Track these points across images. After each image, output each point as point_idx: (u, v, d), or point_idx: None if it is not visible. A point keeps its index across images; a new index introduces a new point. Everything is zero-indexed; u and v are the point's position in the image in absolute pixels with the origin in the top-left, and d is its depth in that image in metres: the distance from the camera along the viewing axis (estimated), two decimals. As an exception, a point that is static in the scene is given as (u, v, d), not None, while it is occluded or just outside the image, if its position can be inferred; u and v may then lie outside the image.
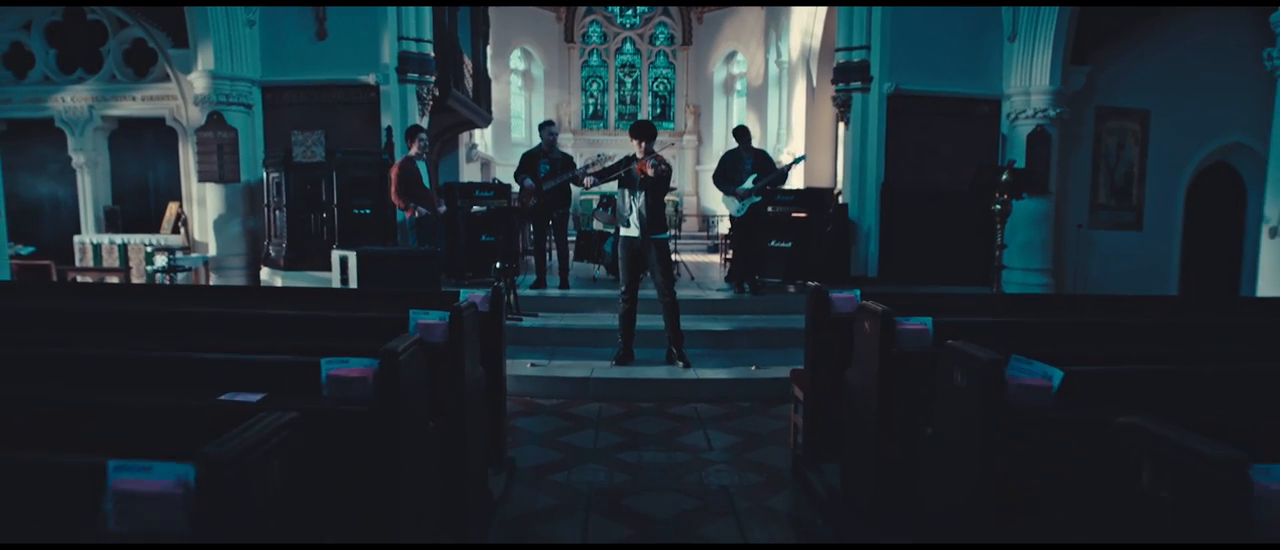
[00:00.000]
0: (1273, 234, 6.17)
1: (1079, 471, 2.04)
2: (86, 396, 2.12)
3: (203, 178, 9.56)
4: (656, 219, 6.18)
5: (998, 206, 8.37)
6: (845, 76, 9.74)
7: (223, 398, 2.11)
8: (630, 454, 4.47)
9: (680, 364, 6.21)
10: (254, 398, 2.10)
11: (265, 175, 9.34)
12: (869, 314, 3.13)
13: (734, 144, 8.42)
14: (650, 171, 6.01)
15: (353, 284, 6.08)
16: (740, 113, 18.48)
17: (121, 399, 2.09)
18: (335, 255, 6.61)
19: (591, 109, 19.46)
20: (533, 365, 6.17)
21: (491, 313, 3.69)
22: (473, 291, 3.72)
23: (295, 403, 2.01)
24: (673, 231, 9.98)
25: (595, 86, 19.39)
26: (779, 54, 15.64)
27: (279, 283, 8.87)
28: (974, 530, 2.21)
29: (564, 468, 4.25)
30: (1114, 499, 1.68)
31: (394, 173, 7.80)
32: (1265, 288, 6.24)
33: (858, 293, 3.68)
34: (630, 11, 19.14)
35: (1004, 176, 8.33)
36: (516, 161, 8.80)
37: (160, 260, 9.24)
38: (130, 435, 1.94)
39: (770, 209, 8.83)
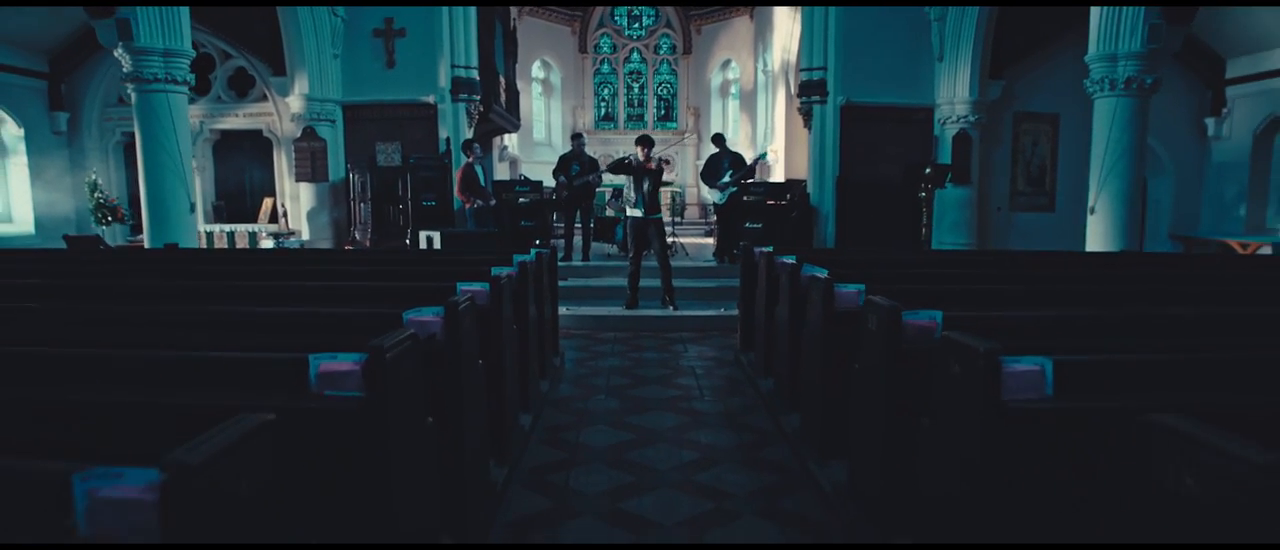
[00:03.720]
0: (1092, 211, 8.60)
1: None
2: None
3: (299, 178, 12.10)
4: (654, 203, 8.67)
5: (923, 195, 10.83)
6: (807, 91, 12.21)
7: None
8: (634, 353, 7.01)
9: (671, 308, 8.72)
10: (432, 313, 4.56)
11: (351, 176, 11.88)
12: (763, 255, 5.65)
13: (714, 149, 10.89)
14: (653, 165, 8.51)
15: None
16: (734, 114, 20.93)
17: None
18: (422, 235, 9.16)
19: (603, 111, 21.96)
20: (566, 310, 8.69)
21: (550, 263, 6.23)
22: (540, 250, 6.22)
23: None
24: (673, 216, 12.45)
25: (606, 91, 21.88)
26: (765, 64, 18.04)
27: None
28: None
29: (593, 359, 6.79)
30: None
31: (459, 175, 10.37)
32: (1092, 248, 8.68)
33: (771, 248, 6.17)
34: (637, 25, 21.61)
35: (926, 170, 10.80)
36: (538, 159, 11.24)
37: (268, 243, 11.84)
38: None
39: (747, 198, 11.26)
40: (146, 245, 8.43)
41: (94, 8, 7.93)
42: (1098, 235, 8.59)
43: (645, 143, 8.66)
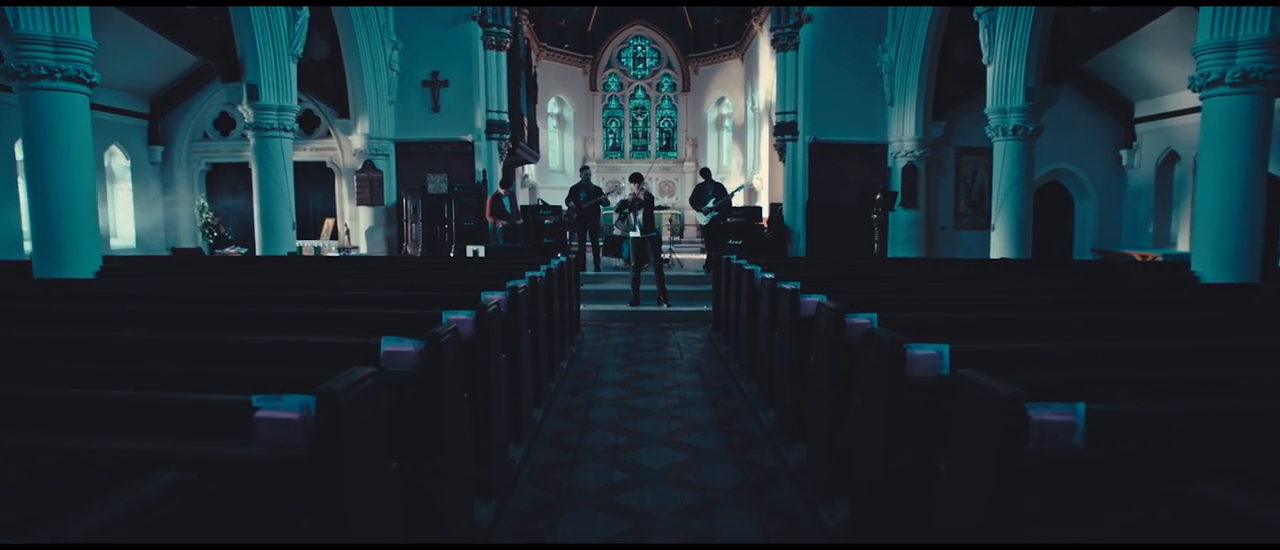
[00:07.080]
0: (992, 228, 11.01)
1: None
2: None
3: (359, 202, 14.58)
4: (650, 225, 11.08)
5: (875, 217, 13.24)
6: (781, 131, 14.69)
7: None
8: (635, 335, 9.42)
9: (665, 305, 11.12)
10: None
11: (403, 201, 14.36)
12: (725, 260, 8.06)
13: (701, 179, 13.36)
14: (643, 196, 10.92)
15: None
16: (728, 145, 23.43)
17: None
18: (469, 249, 11.59)
19: (611, 142, 24.53)
20: (582, 307, 11.08)
21: (576, 265, 8.65)
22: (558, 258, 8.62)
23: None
24: (672, 235, 14.86)
25: (614, 125, 24.48)
26: (753, 102, 20.52)
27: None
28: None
29: (604, 339, 9.20)
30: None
31: (488, 202, 12.85)
32: (994, 255, 11.07)
33: (735, 256, 8.57)
34: (641, 66, 24.26)
35: (877, 197, 13.22)
36: (553, 185, 13.62)
37: (334, 254, 14.27)
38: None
39: (729, 220, 13.68)
40: (259, 253, 10.87)
41: (227, 74, 10.41)
42: (998, 245, 11.00)
43: (636, 179, 11.10)
